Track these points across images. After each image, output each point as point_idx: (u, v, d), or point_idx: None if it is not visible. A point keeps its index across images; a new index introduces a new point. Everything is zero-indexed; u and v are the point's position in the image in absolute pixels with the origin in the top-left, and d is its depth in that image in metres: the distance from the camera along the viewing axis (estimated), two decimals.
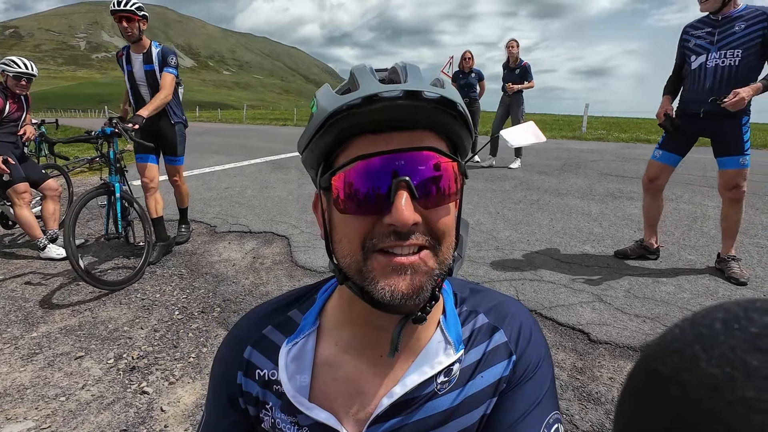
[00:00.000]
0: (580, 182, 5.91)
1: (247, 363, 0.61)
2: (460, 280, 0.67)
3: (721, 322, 0.17)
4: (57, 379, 1.97)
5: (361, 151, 0.48)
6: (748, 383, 0.15)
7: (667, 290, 2.64)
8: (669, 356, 0.17)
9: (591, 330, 2.23)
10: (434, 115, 0.48)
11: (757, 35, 2.53)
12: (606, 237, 3.64)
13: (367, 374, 0.57)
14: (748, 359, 0.15)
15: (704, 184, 5.58)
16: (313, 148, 0.51)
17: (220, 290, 2.83)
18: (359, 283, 0.50)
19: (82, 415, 1.74)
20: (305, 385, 0.57)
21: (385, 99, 0.45)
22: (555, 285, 2.76)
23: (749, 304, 0.17)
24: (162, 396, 1.86)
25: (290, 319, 0.63)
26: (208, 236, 3.90)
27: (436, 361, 0.56)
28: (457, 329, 0.59)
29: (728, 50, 2.60)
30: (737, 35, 2.58)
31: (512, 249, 3.40)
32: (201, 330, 2.36)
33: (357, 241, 0.49)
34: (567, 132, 14.71)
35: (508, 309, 0.62)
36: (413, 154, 0.47)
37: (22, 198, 3.35)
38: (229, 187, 5.96)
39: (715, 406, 0.15)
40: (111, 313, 2.55)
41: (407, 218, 0.45)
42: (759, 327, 0.16)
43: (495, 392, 0.57)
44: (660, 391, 0.17)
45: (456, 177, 0.50)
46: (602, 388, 1.83)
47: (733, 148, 2.74)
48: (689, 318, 0.19)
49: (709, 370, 0.16)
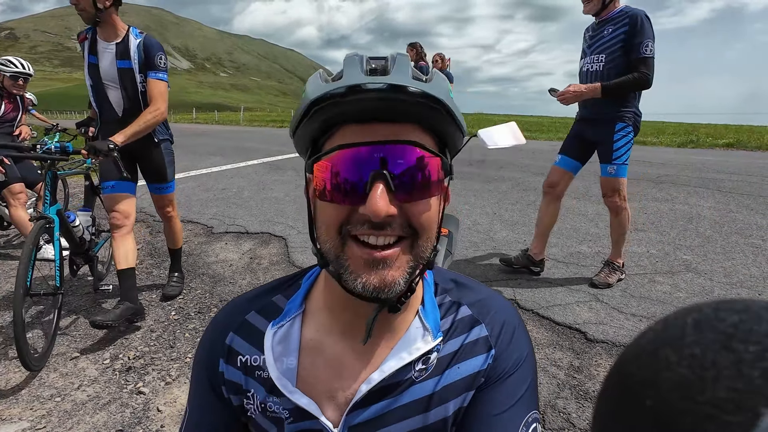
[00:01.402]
0: (576, 183, 5.92)
1: (229, 349, 0.60)
2: (443, 271, 0.67)
3: (692, 323, 0.17)
4: (52, 379, 1.96)
5: (344, 140, 0.48)
6: (718, 384, 0.15)
7: (663, 290, 2.66)
8: (641, 358, 0.18)
9: (588, 329, 2.24)
10: (419, 109, 0.47)
11: (619, 39, 2.42)
12: (602, 237, 3.65)
13: (348, 359, 0.57)
14: (718, 359, 0.15)
15: (700, 185, 5.62)
16: (300, 133, 0.52)
17: (216, 291, 2.82)
18: (336, 270, 0.51)
19: (77, 416, 1.73)
20: (292, 368, 0.57)
21: (367, 90, 0.45)
22: (552, 285, 2.76)
23: (720, 304, 0.17)
24: (158, 396, 1.85)
25: (274, 303, 0.62)
26: (205, 237, 3.89)
27: (414, 348, 0.56)
28: (435, 317, 0.59)
29: (596, 55, 2.52)
30: (604, 39, 2.49)
31: (509, 249, 3.41)
32: (197, 330, 2.35)
33: (334, 228, 0.50)
34: (563, 134, 14.76)
35: (493, 304, 0.62)
36: (394, 146, 0.47)
37: (18, 198, 3.33)
38: (226, 189, 5.95)
39: (686, 406, 0.15)
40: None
41: (380, 209, 0.46)
42: (729, 327, 0.16)
43: (472, 385, 0.57)
44: (633, 393, 0.17)
45: (438, 172, 0.50)
46: (599, 387, 1.83)
47: (604, 156, 2.59)
48: (662, 320, 0.19)
49: (679, 371, 0.16)
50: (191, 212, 4.67)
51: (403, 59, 0.49)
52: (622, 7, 2.51)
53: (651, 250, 3.34)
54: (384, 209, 0.46)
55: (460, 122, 0.52)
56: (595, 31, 2.58)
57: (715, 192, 5.23)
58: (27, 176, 3.47)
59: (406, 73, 0.47)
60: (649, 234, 3.72)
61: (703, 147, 10.96)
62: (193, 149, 11.19)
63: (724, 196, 4.99)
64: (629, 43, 2.39)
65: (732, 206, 4.55)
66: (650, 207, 4.60)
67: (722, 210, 4.41)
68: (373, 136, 0.47)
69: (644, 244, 3.46)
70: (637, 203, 4.76)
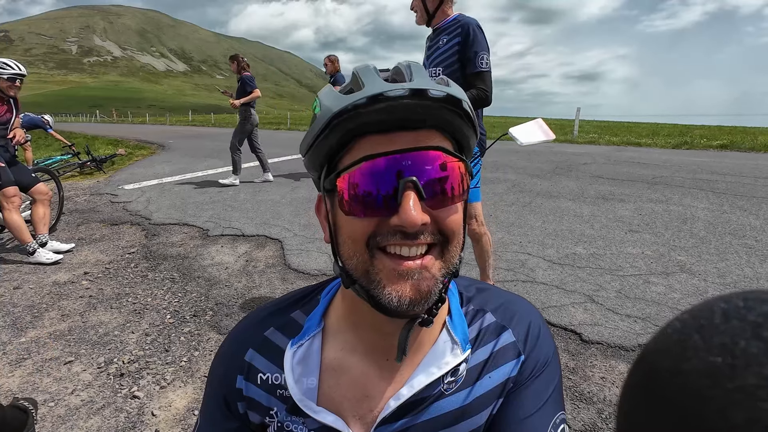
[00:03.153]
0: (571, 185, 5.95)
1: (249, 366, 0.59)
2: (465, 279, 0.66)
3: (720, 313, 0.17)
4: (46, 384, 1.94)
5: (366, 151, 0.46)
6: (748, 371, 0.15)
7: (657, 291, 2.67)
8: (669, 348, 0.17)
9: (583, 330, 2.24)
10: (440, 114, 0.47)
11: (454, 50, 2.18)
12: (597, 238, 3.67)
13: (373, 377, 0.56)
14: (748, 347, 0.15)
15: (694, 186, 5.65)
16: (317, 149, 0.50)
17: (212, 294, 2.81)
18: (365, 286, 0.49)
19: (71, 421, 1.72)
20: (312, 388, 0.56)
21: (391, 98, 0.44)
22: (547, 286, 2.77)
23: (749, 294, 0.17)
24: (153, 400, 1.84)
25: (293, 320, 0.61)
26: (201, 240, 3.88)
27: (443, 362, 0.55)
28: (463, 329, 0.58)
29: (433, 68, 2.25)
30: (440, 50, 2.24)
31: (505, 251, 3.42)
32: (193, 334, 2.34)
33: (362, 241, 0.48)
34: (559, 135, 14.82)
35: (516, 308, 0.61)
36: (420, 153, 0.46)
37: (12, 202, 3.31)
38: (222, 191, 5.94)
39: (715, 394, 0.15)
40: (101, 318, 2.53)
41: (416, 219, 0.44)
42: (758, 316, 0.16)
43: (502, 392, 0.56)
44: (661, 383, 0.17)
45: (462, 177, 0.49)
46: (594, 388, 1.84)
47: None
48: (689, 310, 0.18)
49: (708, 359, 0.16)
50: (187, 215, 4.66)
51: (417, 66, 0.48)
52: (456, 15, 2.26)
53: (646, 251, 3.36)
54: (419, 218, 0.45)
55: (476, 125, 0.51)
56: (432, 41, 2.32)
57: (709, 193, 5.27)
58: (21, 180, 3.45)
59: (426, 78, 0.46)
60: (643, 235, 3.74)
61: (698, 148, 11.03)
62: (189, 152, 11.18)
63: (718, 197, 5.02)
64: (464, 56, 2.17)
65: (726, 207, 4.58)
66: (645, 208, 4.62)
67: (716, 211, 4.44)
68: (395, 144, 0.46)
69: (639, 245, 3.48)
70: (632, 204, 4.79)
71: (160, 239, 3.89)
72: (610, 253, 3.32)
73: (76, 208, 5.13)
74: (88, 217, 4.68)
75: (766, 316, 0.16)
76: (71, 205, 5.25)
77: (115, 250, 3.62)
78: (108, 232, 4.14)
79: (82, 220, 4.56)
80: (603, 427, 1.64)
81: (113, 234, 4.08)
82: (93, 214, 4.83)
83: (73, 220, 4.58)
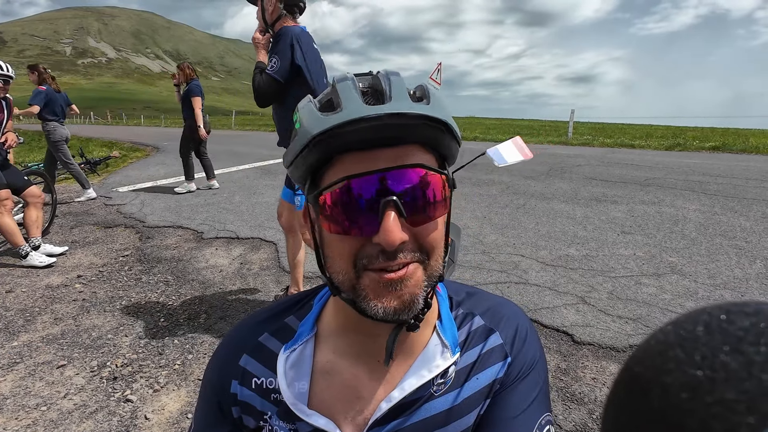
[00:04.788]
0: (565, 186, 5.99)
1: (243, 371, 0.60)
2: (455, 284, 0.67)
3: (703, 325, 0.17)
4: (38, 388, 1.93)
5: (347, 170, 0.47)
6: (728, 385, 0.15)
7: (648, 292, 2.70)
8: (650, 359, 0.18)
9: (575, 331, 2.26)
10: (421, 131, 0.47)
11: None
12: (590, 240, 3.70)
13: (364, 380, 0.57)
14: (728, 361, 0.15)
15: (686, 188, 5.71)
16: (299, 165, 0.50)
17: (206, 297, 2.81)
18: (352, 298, 0.50)
19: (63, 425, 1.71)
20: (304, 392, 0.57)
21: (370, 119, 0.44)
22: (540, 287, 2.79)
23: (732, 306, 0.17)
24: (146, 404, 1.84)
25: (287, 325, 0.62)
26: (195, 242, 3.87)
27: (434, 365, 0.56)
28: (453, 332, 0.59)
29: None
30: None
31: (498, 252, 3.44)
32: (187, 337, 2.34)
33: (349, 261, 0.49)
34: (553, 137, 14.91)
35: (504, 311, 0.63)
36: (401, 171, 0.47)
37: (4, 205, 3.29)
38: (217, 193, 5.93)
39: (695, 407, 0.15)
40: (95, 321, 2.52)
41: (395, 239, 0.45)
42: (739, 330, 0.16)
43: (489, 393, 0.58)
44: (642, 394, 0.17)
45: (444, 190, 0.50)
46: (585, 389, 1.86)
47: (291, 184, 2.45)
48: (673, 321, 0.19)
49: (689, 372, 0.16)
50: (181, 217, 4.65)
51: (397, 80, 0.49)
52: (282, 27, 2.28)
53: (637, 252, 3.39)
54: (398, 237, 0.45)
55: (458, 136, 0.52)
56: None
57: (700, 195, 5.32)
58: (13, 182, 3.43)
59: (404, 97, 0.47)
60: (635, 236, 3.77)
61: (690, 150, 11.13)
62: None
63: (709, 199, 5.08)
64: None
65: (717, 209, 4.63)
66: (637, 210, 4.67)
67: (707, 212, 4.49)
68: (376, 161, 0.47)
69: (631, 247, 3.51)
70: (625, 206, 4.83)
71: (154, 242, 3.88)
72: (602, 255, 3.35)
73: (70, 210, 5.10)
74: (82, 220, 4.65)
75: (746, 330, 0.16)
76: (64, 207, 5.22)
77: (109, 253, 3.61)
78: (102, 235, 4.12)
79: (75, 223, 4.54)
80: (594, 427, 1.66)
81: (107, 237, 4.07)
82: (86, 217, 4.81)
83: (66, 223, 4.56)
